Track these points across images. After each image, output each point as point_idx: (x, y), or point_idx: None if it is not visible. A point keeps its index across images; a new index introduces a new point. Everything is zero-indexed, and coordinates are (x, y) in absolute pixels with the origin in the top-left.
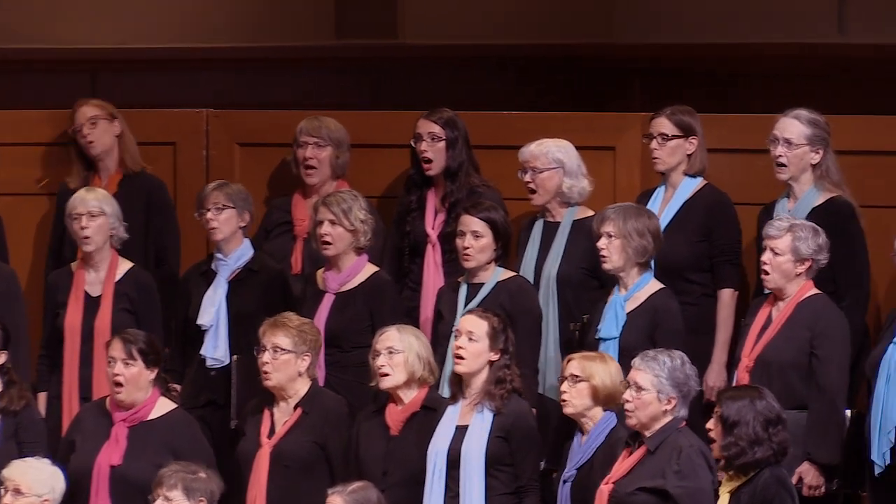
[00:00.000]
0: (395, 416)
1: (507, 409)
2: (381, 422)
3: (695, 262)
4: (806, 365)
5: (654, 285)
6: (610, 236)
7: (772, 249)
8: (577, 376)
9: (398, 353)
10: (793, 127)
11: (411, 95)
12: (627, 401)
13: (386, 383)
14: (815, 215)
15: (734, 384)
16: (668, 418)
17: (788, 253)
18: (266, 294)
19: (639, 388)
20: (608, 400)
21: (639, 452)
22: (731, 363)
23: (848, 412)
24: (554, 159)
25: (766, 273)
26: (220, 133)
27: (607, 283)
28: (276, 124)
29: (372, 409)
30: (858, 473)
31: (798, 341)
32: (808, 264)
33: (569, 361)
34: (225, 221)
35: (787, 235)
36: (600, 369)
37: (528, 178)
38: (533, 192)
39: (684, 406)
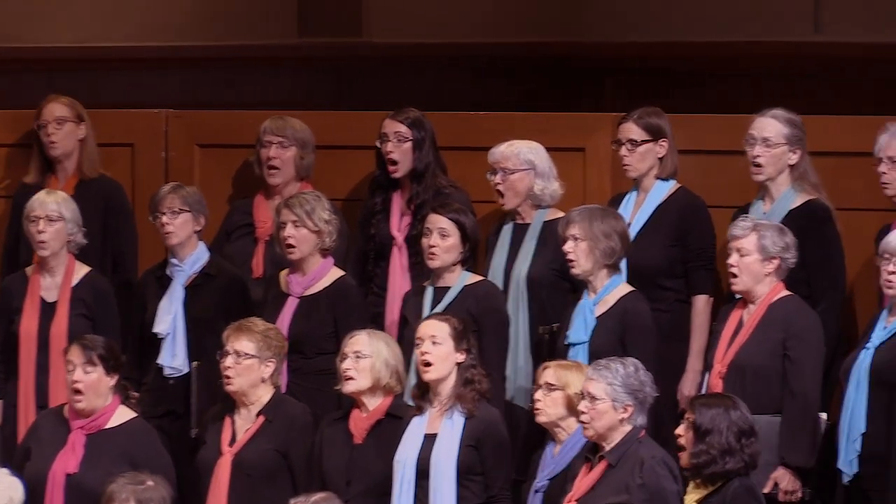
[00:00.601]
0: (358, 424)
1: (478, 415)
2: (345, 429)
3: (668, 267)
4: (780, 367)
5: (623, 288)
6: (576, 239)
7: (738, 250)
8: (552, 385)
9: (365, 357)
10: (771, 126)
11: (376, 95)
12: (582, 412)
13: (349, 387)
14: (792, 218)
15: (706, 391)
16: (627, 428)
17: (755, 252)
18: (224, 299)
19: (593, 399)
20: None
21: (600, 467)
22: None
23: (824, 415)
24: (525, 160)
25: (735, 276)
26: (180, 134)
27: (579, 285)
28: (236, 125)
29: (335, 415)
30: (832, 481)
31: (771, 344)
32: (776, 263)
33: (544, 369)
34: (180, 226)
35: (752, 234)
36: (576, 378)
37: (498, 179)
38: (502, 194)
39: (642, 413)
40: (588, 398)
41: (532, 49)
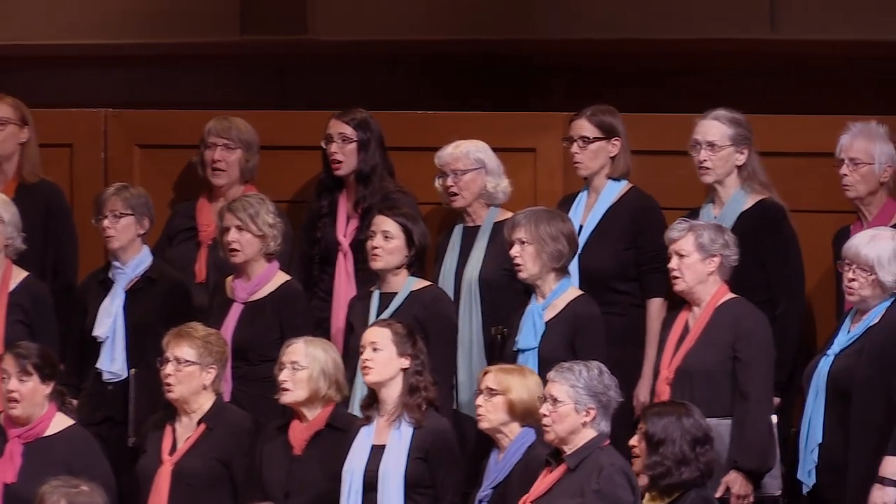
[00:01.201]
0: (298, 435)
1: (426, 425)
2: (285, 440)
3: (621, 270)
4: (729, 370)
5: (572, 292)
6: (523, 243)
7: (677, 253)
8: (493, 390)
9: (302, 368)
10: (714, 129)
11: (321, 94)
12: (545, 415)
13: (286, 398)
14: (745, 220)
15: (655, 398)
16: (590, 433)
17: (694, 252)
18: (166, 304)
19: (555, 401)
20: (526, 415)
21: (559, 470)
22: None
23: (775, 418)
24: (475, 159)
25: (676, 277)
26: (119, 134)
27: (531, 286)
28: (177, 125)
29: (276, 424)
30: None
31: (719, 347)
32: (717, 260)
33: (485, 374)
34: (123, 229)
35: (689, 235)
36: (518, 383)
37: (450, 181)
38: (454, 195)
39: (605, 418)
40: (550, 401)
41: (481, 47)
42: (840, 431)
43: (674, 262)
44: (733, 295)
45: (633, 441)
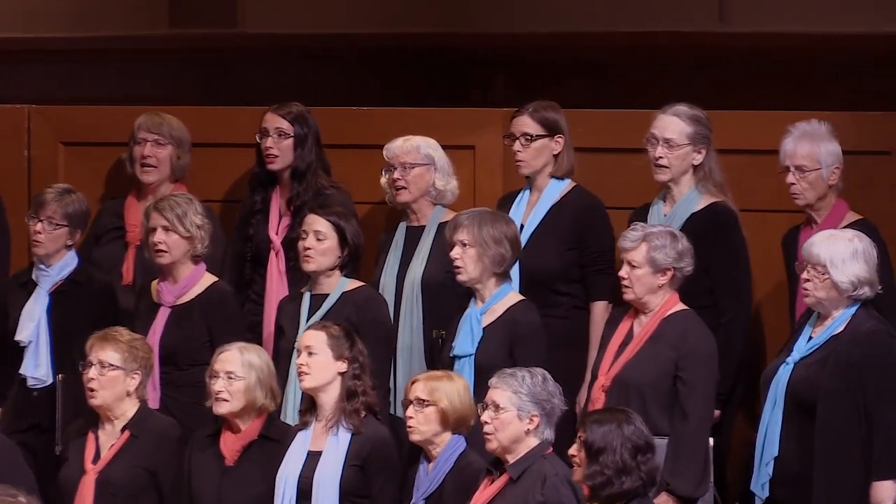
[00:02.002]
0: (230, 445)
1: (364, 432)
2: (216, 451)
3: (564, 272)
4: (668, 388)
5: (513, 297)
6: (464, 245)
7: (629, 262)
8: (423, 400)
9: (238, 379)
10: (673, 125)
11: (253, 89)
12: (486, 422)
13: (222, 409)
14: (694, 222)
15: (590, 405)
16: (533, 441)
17: (646, 265)
18: (92, 308)
19: (497, 408)
20: (458, 423)
21: (501, 481)
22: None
23: (711, 440)
24: (425, 155)
25: (626, 287)
26: (44, 131)
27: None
28: (104, 122)
29: (205, 432)
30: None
31: (661, 361)
32: (669, 274)
33: (413, 384)
34: (53, 239)
35: (643, 246)
36: (447, 390)
37: (397, 174)
38: (400, 188)
39: (549, 426)
40: (492, 407)
41: (418, 40)
42: (799, 444)
43: (624, 271)
44: (683, 306)
45: (573, 450)
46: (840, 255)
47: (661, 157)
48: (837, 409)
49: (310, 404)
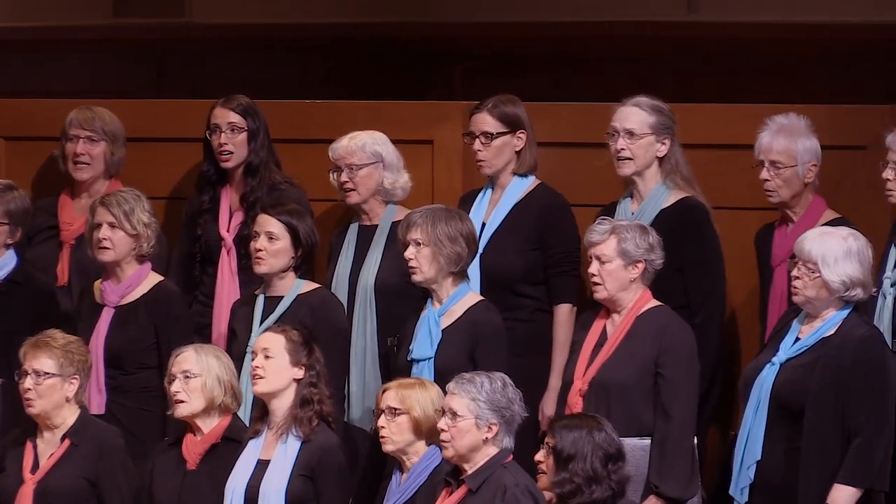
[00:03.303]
0: (192, 449)
1: (314, 440)
2: (178, 455)
3: (527, 273)
4: (650, 387)
5: (472, 297)
6: (418, 244)
7: (597, 258)
8: (395, 409)
9: (195, 377)
10: (634, 116)
11: (200, 82)
12: (443, 430)
13: (181, 411)
14: (664, 219)
15: (566, 411)
16: (492, 450)
17: (617, 257)
18: (33, 309)
19: (454, 415)
20: (432, 432)
21: (459, 492)
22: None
23: (695, 439)
24: (372, 153)
25: (597, 284)
26: None
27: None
28: (46, 115)
29: (169, 440)
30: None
31: (640, 360)
32: (640, 267)
33: (384, 392)
34: None
35: (612, 238)
36: (420, 398)
37: (345, 177)
38: (349, 190)
39: (509, 435)
40: (449, 415)
41: (373, 31)
42: (783, 450)
43: (594, 268)
44: (657, 302)
45: (540, 456)
46: (833, 253)
47: (623, 150)
48: (825, 416)
49: (262, 412)
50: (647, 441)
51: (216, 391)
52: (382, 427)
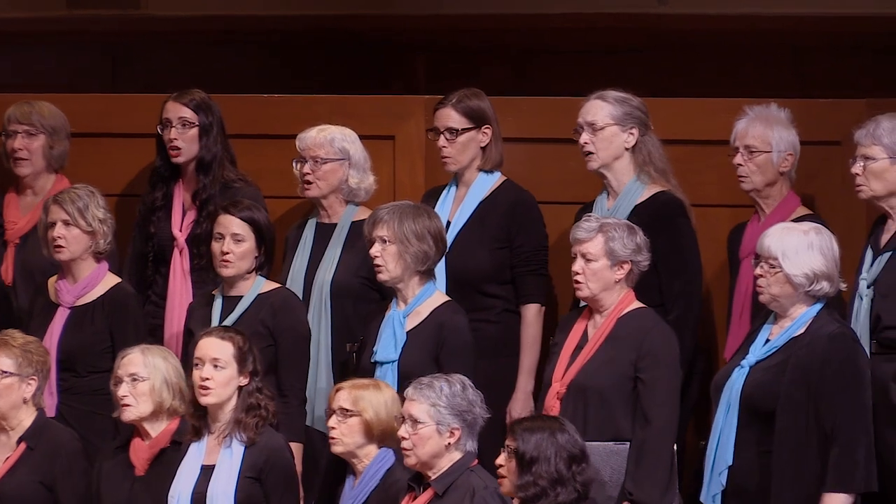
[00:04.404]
0: (140, 454)
1: (259, 442)
2: (125, 460)
3: (494, 272)
4: (628, 391)
5: (438, 297)
6: (384, 241)
7: (583, 256)
8: (347, 410)
9: (143, 380)
10: (596, 108)
11: (156, 76)
12: (404, 437)
13: (129, 415)
14: (639, 214)
15: (542, 413)
16: (455, 454)
17: (603, 257)
18: None
19: (415, 422)
20: (384, 436)
21: (425, 496)
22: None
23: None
24: (340, 149)
25: (580, 283)
26: None
27: (389, 294)
28: None
29: (115, 445)
30: None
31: (620, 363)
32: (626, 268)
33: (337, 391)
34: None
35: (599, 237)
36: (373, 400)
37: (307, 168)
38: (309, 183)
39: (471, 438)
40: (409, 422)
41: (334, 23)
42: (755, 454)
43: (577, 266)
44: (640, 304)
45: (500, 460)
46: (793, 246)
47: (586, 144)
48: (797, 418)
49: (201, 412)
50: (624, 446)
51: (164, 394)
52: (333, 427)
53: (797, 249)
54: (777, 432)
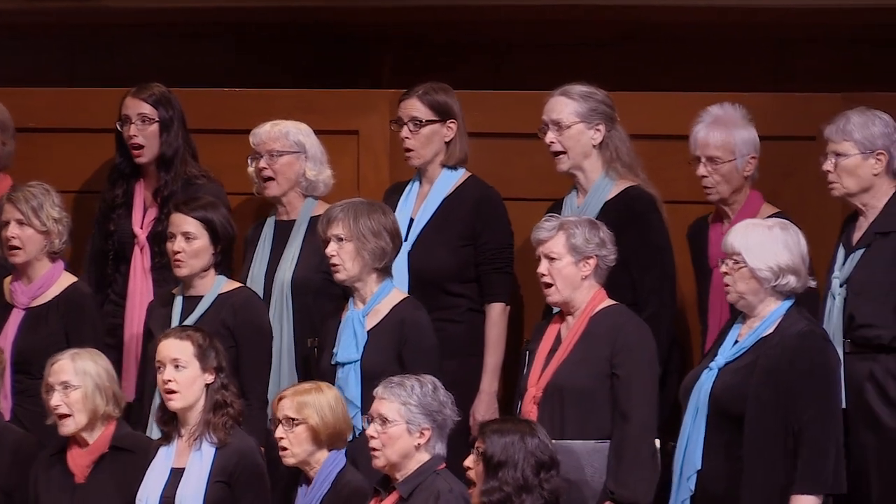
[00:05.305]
0: (78, 461)
1: (230, 444)
2: (63, 468)
3: (458, 271)
4: (606, 388)
5: (396, 295)
6: (340, 240)
7: (546, 256)
8: (292, 419)
9: (75, 388)
10: (561, 105)
11: (115, 69)
12: (372, 437)
13: (67, 429)
14: (609, 211)
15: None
16: (423, 456)
17: (567, 254)
18: None
19: (384, 421)
20: (333, 439)
21: (389, 500)
22: (515, 393)
23: (658, 442)
24: (295, 142)
25: (549, 285)
26: None
27: (350, 291)
28: None
29: (50, 451)
30: None
31: (595, 361)
32: (592, 263)
33: (280, 400)
34: None
35: (560, 234)
36: (317, 404)
37: (263, 163)
38: (267, 179)
39: (441, 440)
40: (379, 421)
41: (296, 15)
42: (723, 458)
43: (543, 267)
44: (612, 301)
45: (469, 462)
46: (756, 240)
47: (552, 143)
48: (766, 420)
49: (169, 415)
50: (605, 444)
51: (98, 401)
52: (281, 438)
53: (761, 243)
54: (746, 435)
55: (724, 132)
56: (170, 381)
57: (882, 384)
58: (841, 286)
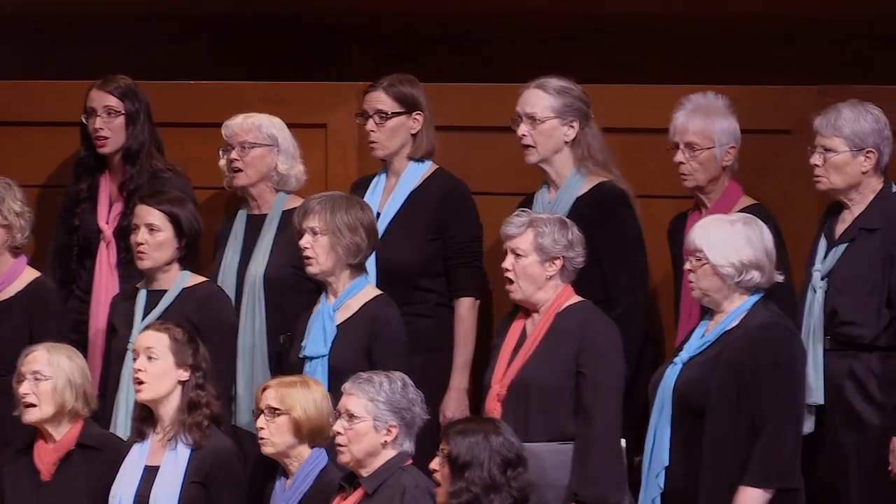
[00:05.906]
0: (45, 458)
1: (206, 445)
2: (29, 465)
3: (426, 265)
4: (572, 386)
5: (369, 291)
6: (315, 233)
7: (513, 251)
8: (275, 409)
9: (46, 379)
10: (535, 99)
11: (79, 61)
12: (339, 433)
13: (31, 416)
14: (580, 206)
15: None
16: (390, 453)
17: (533, 252)
18: None
19: (351, 417)
20: (315, 434)
21: (355, 496)
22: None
23: (623, 442)
24: (268, 135)
25: (511, 281)
26: None
27: (323, 286)
28: None
29: (15, 448)
30: None
31: (561, 358)
32: (558, 264)
33: (264, 390)
34: None
35: (529, 232)
36: (302, 398)
37: (235, 155)
38: (237, 170)
39: (409, 438)
40: (345, 416)
41: (262, 6)
42: (687, 454)
43: (508, 262)
44: (579, 298)
45: (434, 464)
46: (717, 236)
47: (524, 136)
48: (727, 415)
49: (146, 413)
50: (569, 445)
51: (67, 395)
52: (261, 428)
53: (723, 240)
54: (706, 430)
55: (704, 120)
56: (139, 370)
57: (863, 382)
58: (822, 279)
